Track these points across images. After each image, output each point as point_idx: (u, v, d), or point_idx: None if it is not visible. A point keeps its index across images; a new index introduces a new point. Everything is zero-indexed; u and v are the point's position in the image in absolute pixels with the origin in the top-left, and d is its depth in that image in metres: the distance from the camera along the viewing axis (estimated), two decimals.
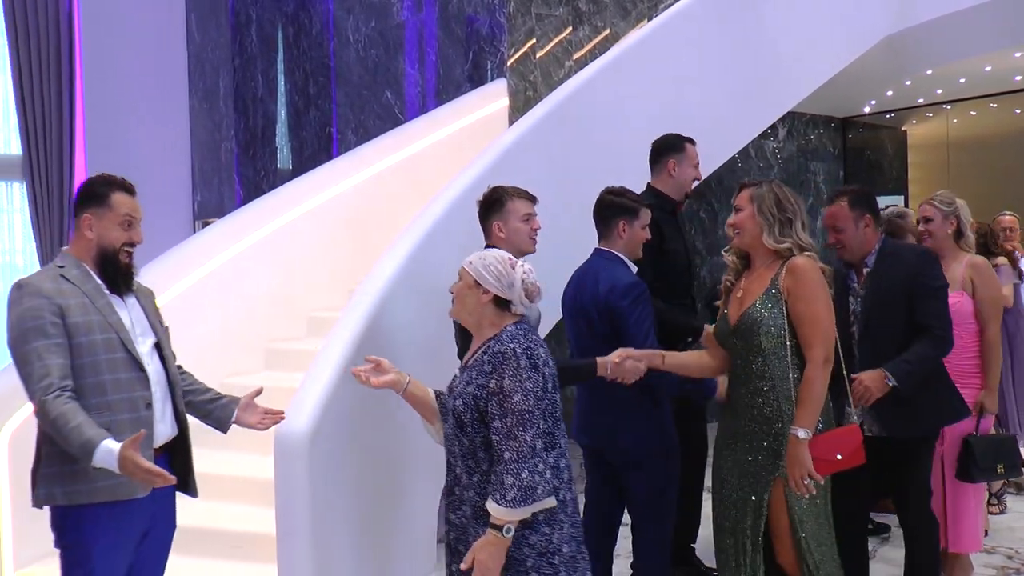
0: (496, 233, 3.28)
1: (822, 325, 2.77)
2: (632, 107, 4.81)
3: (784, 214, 2.85)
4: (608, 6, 6.35)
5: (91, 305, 2.61)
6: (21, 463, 3.77)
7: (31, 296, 2.54)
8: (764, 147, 8.30)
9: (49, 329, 2.50)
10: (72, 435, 2.41)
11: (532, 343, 2.49)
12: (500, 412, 2.40)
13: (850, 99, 8.35)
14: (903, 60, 6.89)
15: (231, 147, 8.33)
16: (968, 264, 3.84)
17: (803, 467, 2.71)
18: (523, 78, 6.14)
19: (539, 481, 2.36)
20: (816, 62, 5.91)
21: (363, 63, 7.32)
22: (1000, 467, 3.72)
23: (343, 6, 7.46)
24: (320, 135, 7.75)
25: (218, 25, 8.38)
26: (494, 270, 2.54)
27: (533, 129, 4.36)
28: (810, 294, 2.77)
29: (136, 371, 2.65)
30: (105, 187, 2.72)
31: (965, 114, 9.05)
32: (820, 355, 2.75)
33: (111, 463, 2.40)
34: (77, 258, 2.69)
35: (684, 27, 5.17)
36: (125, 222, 2.71)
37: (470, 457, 2.49)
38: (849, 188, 3.54)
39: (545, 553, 2.43)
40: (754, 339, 2.83)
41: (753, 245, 2.92)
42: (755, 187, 2.93)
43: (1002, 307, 3.94)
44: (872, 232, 3.41)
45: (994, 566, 4.35)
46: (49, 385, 2.44)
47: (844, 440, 2.82)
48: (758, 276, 2.92)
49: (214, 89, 8.43)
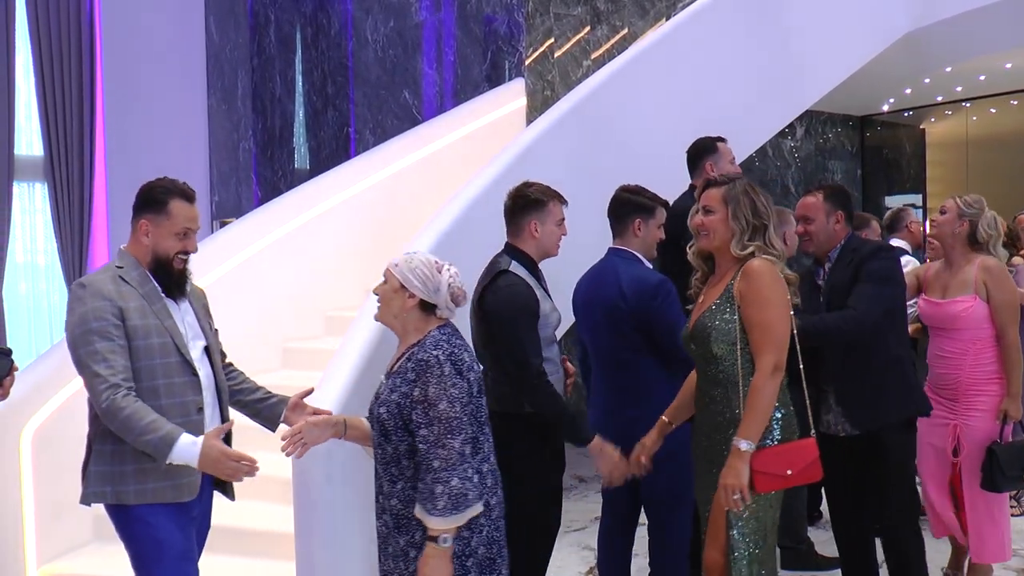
0: (531, 232, 3.23)
1: (773, 332, 2.60)
2: (650, 106, 4.80)
3: (759, 219, 2.69)
4: (626, 5, 6.35)
5: (148, 308, 2.62)
6: (44, 460, 3.83)
7: (93, 297, 2.54)
8: (782, 146, 8.27)
9: (112, 331, 2.52)
10: (148, 430, 2.44)
11: (456, 348, 2.44)
12: (426, 421, 2.35)
13: (868, 97, 8.31)
14: (922, 57, 6.85)
15: (249, 147, 8.37)
16: (980, 267, 3.65)
17: (737, 480, 2.53)
18: (541, 78, 6.15)
19: (470, 487, 2.34)
20: (834, 60, 5.89)
21: (381, 63, 7.34)
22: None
23: (362, 6, 7.48)
24: (338, 135, 7.78)
25: (237, 26, 8.43)
26: (420, 273, 2.48)
27: (551, 129, 4.37)
28: (762, 299, 2.61)
29: (189, 375, 2.66)
30: (165, 194, 2.68)
31: (985, 112, 8.99)
32: (769, 363, 2.57)
33: (190, 457, 2.45)
34: (135, 259, 2.69)
35: (702, 26, 5.17)
36: (182, 232, 2.68)
37: (393, 465, 2.45)
38: (828, 183, 3.51)
39: (460, 556, 2.40)
40: (708, 346, 2.68)
41: (721, 249, 2.75)
42: (727, 187, 2.74)
43: (1019, 310, 3.81)
44: (841, 228, 3.35)
45: (1014, 568, 4.32)
46: (117, 385, 2.46)
47: (797, 454, 2.62)
48: (719, 280, 2.78)
49: (232, 89, 8.48)
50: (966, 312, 3.60)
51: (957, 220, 3.67)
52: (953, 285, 3.66)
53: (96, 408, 2.52)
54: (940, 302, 3.68)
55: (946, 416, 3.67)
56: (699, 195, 2.80)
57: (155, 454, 2.47)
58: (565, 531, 4.87)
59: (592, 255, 3.54)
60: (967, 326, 3.61)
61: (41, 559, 3.79)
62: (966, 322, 3.61)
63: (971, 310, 3.60)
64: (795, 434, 2.69)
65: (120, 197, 7.68)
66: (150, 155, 7.80)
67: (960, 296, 3.62)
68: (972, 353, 3.63)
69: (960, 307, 3.61)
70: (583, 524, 5.07)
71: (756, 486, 2.57)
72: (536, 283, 3.22)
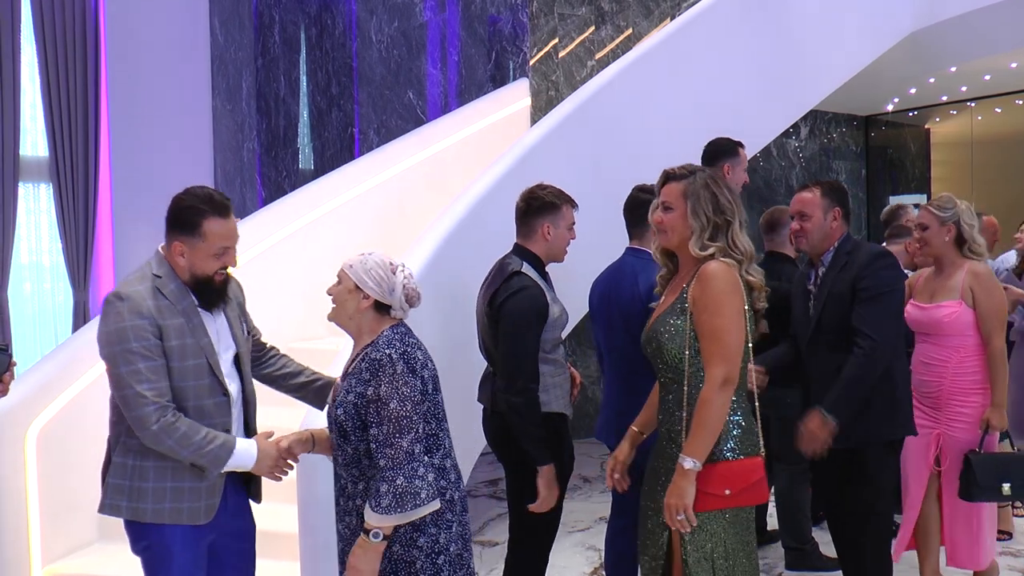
0: (543, 234, 3.25)
1: (724, 341, 2.41)
2: (654, 106, 4.80)
3: (722, 216, 2.50)
4: (631, 5, 6.34)
5: (185, 327, 2.53)
6: (49, 460, 3.83)
7: (132, 314, 2.46)
8: (786, 146, 8.26)
9: (154, 351, 2.46)
10: (206, 443, 2.45)
11: (409, 347, 2.45)
12: (377, 419, 2.36)
13: (873, 97, 8.30)
14: (927, 57, 6.83)
15: (253, 148, 8.38)
16: (969, 272, 3.56)
17: (680, 500, 2.37)
18: (545, 78, 6.14)
19: (420, 486, 2.34)
20: (839, 60, 5.88)
21: (386, 63, 7.34)
22: (1005, 486, 3.49)
23: (366, 7, 7.49)
24: (342, 136, 7.79)
25: (241, 26, 8.44)
26: (375, 275, 2.49)
27: (555, 129, 4.37)
28: (714, 305, 2.41)
29: (219, 396, 2.60)
30: (197, 216, 2.52)
31: (990, 112, 8.96)
32: (719, 375, 2.38)
33: (248, 460, 2.53)
34: (174, 270, 2.57)
35: (707, 26, 5.16)
36: (219, 251, 2.56)
37: (354, 466, 2.46)
38: (824, 180, 3.38)
39: (431, 553, 2.41)
40: (659, 351, 2.53)
41: (681, 248, 2.57)
42: (687, 180, 2.54)
43: (1006, 317, 3.69)
44: (838, 227, 3.25)
45: (1019, 569, 4.31)
46: (164, 407, 2.44)
47: (738, 474, 2.43)
48: (678, 282, 2.62)
49: (236, 90, 8.49)
50: (950, 317, 3.53)
51: (942, 228, 3.58)
52: (941, 290, 3.60)
53: (141, 430, 2.45)
54: (926, 307, 3.62)
55: (929, 424, 3.60)
56: (659, 188, 2.63)
57: (212, 464, 2.49)
58: (569, 531, 4.88)
59: (596, 255, 3.53)
60: (952, 332, 3.54)
61: (46, 559, 3.79)
62: (951, 328, 3.54)
63: (956, 315, 3.53)
64: (753, 450, 2.49)
65: (125, 198, 7.70)
66: (154, 156, 7.82)
67: (946, 301, 3.56)
68: (956, 360, 3.56)
69: (945, 312, 3.54)
70: (588, 524, 5.07)
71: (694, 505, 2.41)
72: (546, 285, 3.23)
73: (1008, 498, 3.56)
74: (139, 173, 7.74)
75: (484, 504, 5.46)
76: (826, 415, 3.03)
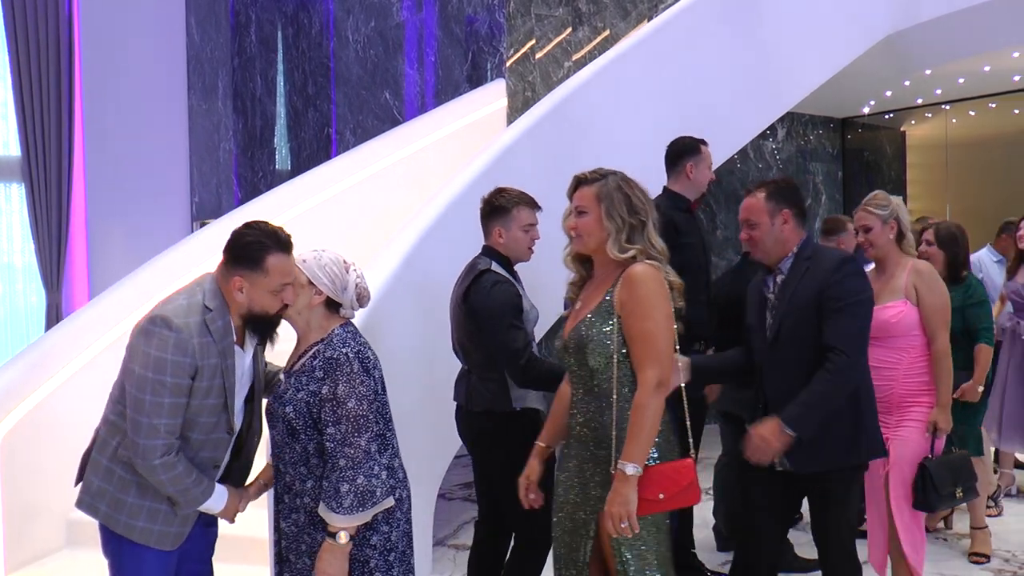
0: (496, 238, 3.30)
1: (655, 344, 2.38)
2: (631, 108, 4.79)
3: (636, 217, 2.48)
4: (608, 7, 6.34)
5: (219, 368, 2.48)
6: (14, 465, 3.77)
7: (178, 350, 2.39)
8: (763, 148, 8.29)
9: (183, 390, 2.41)
10: (192, 486, 2.46)
11: (363, 346, 2.47)
12: (334, 419, 2.37)
13: (849, 100, 8.34)
14: (902, 60, 6.87)
15: (230, 148, 8.31)
16: (912, 270, 3.48)
17: (625, 508, 2.33)
18: (522, 79, 6.13)
19: (376, 484, 2.38)
20: (815, 62, 5.90)
21: (362, 63, 7.31)
22: (958, 491, 3.43)
23: (343, 6, 7.45)
24: (319, 136, 7.75)
25: (217, 25, 8.37)
26: (329, 271, 2.50)
27: (531, 129, 4.35)
28: (643, 309, 2.39)
29: (224, 432, 2.56)
30: (261, 251, 2.48)
31: (964, 114, 9.03)
32: (652, 378, 2.36)
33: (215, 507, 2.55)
34: (226, 305, 2.52)
35: (683, 28, 5.16)
36: (279, 288, 2.50)
37: (302, 464, 2.45)
38: (771, 179, 3.10)
39: (383, 551, 2.45)
40: (584, 358, 2.46)
41: (597, 251, 2.53)
42: (599, 183, 2.53)
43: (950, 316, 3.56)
44: (792, 231, 2.94)
45: (991, 569, 4.34)
46: (172, 445, 2.41)
47: (671, 477, 2.40)
48: (597, 286, 2.55)
49: (213, 89, 8.42)
50: (897, 317, 3.43)
51: (884, 227, 3.51)
52: (885, 291, 3.48)
53: (142, 459, 2.41)
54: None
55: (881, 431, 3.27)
56: (570, 193, 2.61)
57: (187, 503, 2.49)
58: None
59: None
60: (899, 332, 3.44)
61: (10, 566, 3.74)
62: (897, 328, 3.44)
63: (902, 315, 3.44)
64: (673, 454, 2.48)
65: (99, 198, 7.62)
66: (129, 156, 7.75)
67: (892, 301, 3.46)
68: (906, 363, 3.46)
69: (891, 312, 3.44)
70: None
71: None
72: (516, 282, 3.28)
73: (960, 501, 3.50)
74: (114, 173, 7.66)
75: (459, 507, 5.43)
76: (784, 426, 2.76)
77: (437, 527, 4.41)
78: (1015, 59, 7.06)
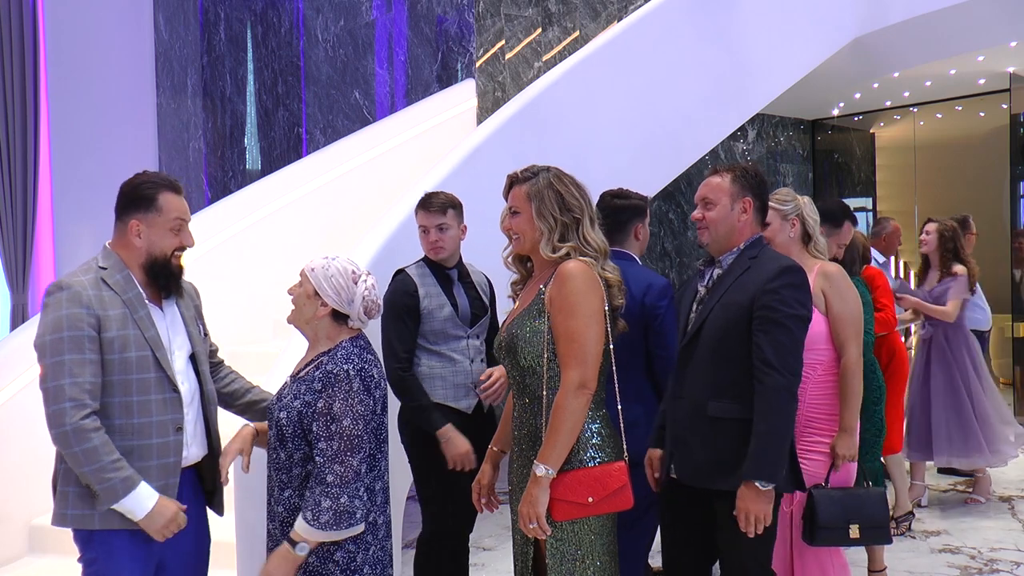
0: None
1: (580, 343, 2.30)
2: (600, 108, 4.80)
3: (570, 214, 2.42)
4: (578, 7, 6.35)
5: (129, 317, 2.42)
6: None
7: (71, 302, 2.35)
8: (733, 149, 8.34)
9: (86, 343, 2.34)
10: (109, 468, 2.30)
11: (367, 363, 2.39)
12: (327, 435, 2.31)
13: (819, 101, 8.42)
14: (871, 63, 6.94)
15: (199, 147, 8.24)
16: (819, 273, 3.14)
17: (533, 509, 2.28)
18: (492, 79, 6.12)
19: (358, 506, 2.31)
20: (784, 64, 5.94)
21: (332, 62, 7.27)
22: (853, 528, 2.93)
23: (312, 5, 7.40)
24: (289, 135, 7.69)
25: (186, 23, 8.29)
26: (335, 283, 2.42)
27: (500, 129, 4.35)
28: (569, 306, 2.32)
29: (169, 392, 2.48)
30: (152, 188, 2.50)
31: (931, 117, 9.15)
32: (573, 379, 2.29)
33: (139, 509, 2.34)
34: (122, 260, 2.50)
35: (654, 29, 5.18)
36: (176, 226, 2.52)
37: (284, 472, 2.41)
38: (741, 164, 2.87)
39: (346, 570, 2.36)
40: (515, 356, 2.43)
41: (533, 251, 2.48)
42: (530, 182, 2.45)
43: (862, 326, 3.21)
44: (748, 222, 2.69)
45: (958, 566, 4.39)
46: (83, 404, 2.30)
47: (601, 481, 2.33)
48: (534, 285, 2.50)
49: (182, 87, 8.34)
50: None
51: (785, 223, 3.19)
52: None
53: (53, 427, 2.32)
54: None
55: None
56: (505, 193, 2.55)
57: (104, 494, 2.32)
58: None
59: None
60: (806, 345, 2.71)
61: None
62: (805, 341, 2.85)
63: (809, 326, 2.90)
64: (608, 457, 2.41)
65: (66, 198, 7.51)
66: (97, 155, 7.65)
67: None
68: (814, 380, 3.07)
69: None
70: None
71: (553, 514, 2.32)
72: (434, 282, 3.36)
73: (856, 542, 3.00)
74: (81, 172, 7.55)
75: None
76: (759, 484, 2.46)
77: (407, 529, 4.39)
78: (979, 63, 7.16)
